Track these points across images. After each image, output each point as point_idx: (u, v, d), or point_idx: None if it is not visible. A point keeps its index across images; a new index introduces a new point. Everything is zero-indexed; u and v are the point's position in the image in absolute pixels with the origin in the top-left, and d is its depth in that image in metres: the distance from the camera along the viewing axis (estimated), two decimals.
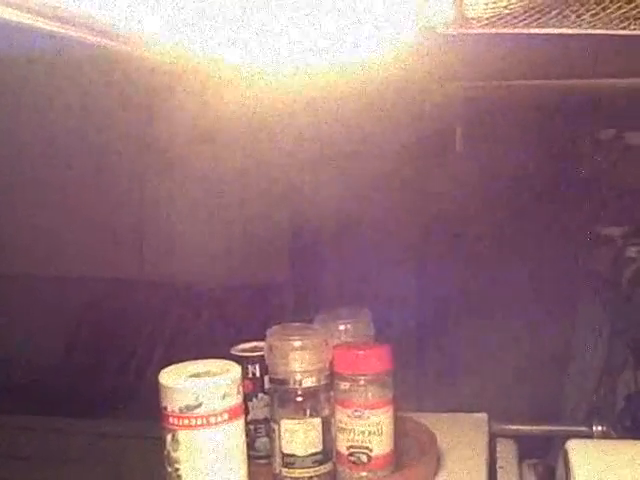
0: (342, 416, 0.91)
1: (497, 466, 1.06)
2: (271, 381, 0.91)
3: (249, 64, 0.81)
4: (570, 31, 0.57)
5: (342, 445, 0.91)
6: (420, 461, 0.97)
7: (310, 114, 1.55)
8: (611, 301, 1.47)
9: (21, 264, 1.84)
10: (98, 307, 1.92)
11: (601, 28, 0.55)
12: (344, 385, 0.90)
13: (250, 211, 1.80)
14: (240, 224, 1.78)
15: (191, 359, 0.87)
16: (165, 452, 0.83)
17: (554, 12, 0.55)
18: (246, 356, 0.95)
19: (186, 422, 0.81)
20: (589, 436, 1.14)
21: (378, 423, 0.90)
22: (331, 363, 0.91)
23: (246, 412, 0.89)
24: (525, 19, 0.56)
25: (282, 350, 0.89)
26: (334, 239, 1.80)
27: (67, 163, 1.79)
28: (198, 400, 0.81)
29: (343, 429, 0.91)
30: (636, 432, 1.16)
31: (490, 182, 1.67)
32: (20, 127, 1.71)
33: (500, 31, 0.57)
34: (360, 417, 0.90)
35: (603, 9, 0.53)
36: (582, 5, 0.53)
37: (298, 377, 0.89)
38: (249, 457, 0.87)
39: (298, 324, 0.94)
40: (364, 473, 0.91)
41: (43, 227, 1.82)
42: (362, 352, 0.92)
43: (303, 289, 1.79)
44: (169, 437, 0.82)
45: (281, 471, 0.90)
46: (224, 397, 0.82)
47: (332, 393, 0.91)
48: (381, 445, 0.91)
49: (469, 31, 0.57)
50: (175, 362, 0.87)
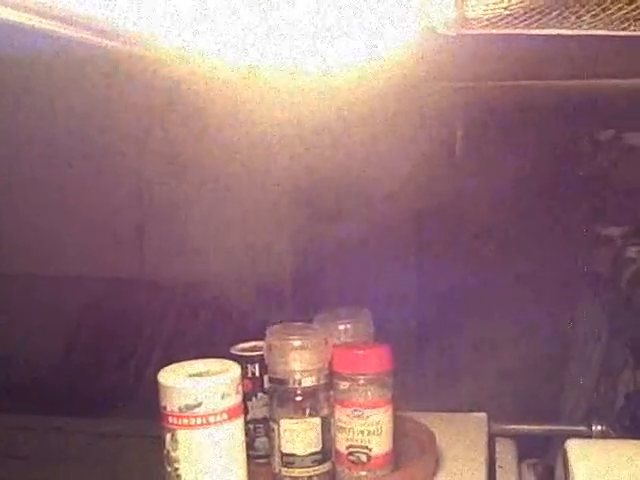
0: (341, 415, 0.91)
1: (496, 466, 1.06)
2: (270, 380, 0.91)
3: (249, 65, 0.81)
4: (570, 32, 0.57)
5: (341, 445, 0.91)
6: (419, 461, 0.97)
7: (310, 115, 1.55)
8: (611, 301, 1.48)
9: (21, 264, 1.84)
10: (98, 307, 1.92)
11: (601, 29, 0.55)
12: (343, 385, 0.91)
13: (250, 211, 1.80)
14: (240, 224, 1.78)
15: (191, 359, 0.87)
16: (164, 452, 0.83)
17: (554, 13, 0.55)
18: (246, 356, 0.95)
19: (185, 422, 0.81)
20: (588, 436, 1.14)
21: (377, 423, 0.90)
22: (330, 363, 0.91)
23: (245, 412, 0.89)
24: (525, 20, 0.56)
25: (282, 350, 0.89)
26: (334, 239, 1.80)
27: (67, 163, 1.79)
28: (197, 400, 0.81)
29: (342, 428, 0.91)
30: (635, 432, 1.16)
31: (490, 182, 1.68)
32: (20, 127, 1.71)
33: (500, 32, 0.57)
34: (359, 416, 0.90)
35: (603, 10, 0.53)
36: (582, 6, 0.53)
37: (297, 377, 0.89)
38: (248, 457, 0.87)
39: (298, 324, 0.94)
40: (363, 472, 0.91)
41: (43, 227, 1.82)
42: (362, 352, 0.92)
43: (303, 289, 1.79)
44: (168, 437, 0.82)
45: (280, 470, 0.90)
46: (223, 397, 0.82)
47: (331, 393, 0.91)
48: (380, 445, 0.91)
49: (469, 32, 0.57)
50: (175, 361, 0.87)
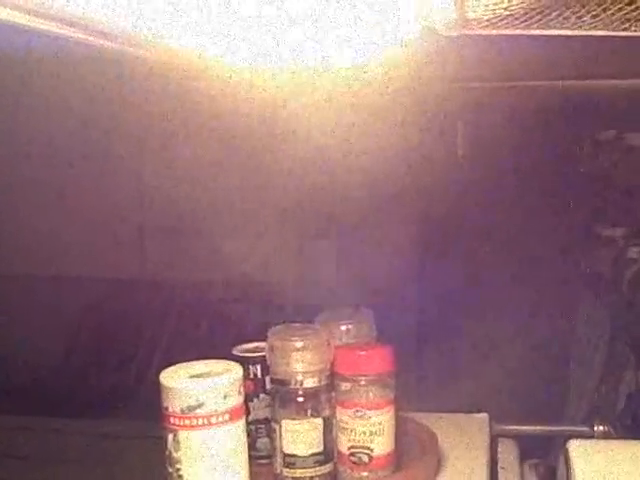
0: (343, 416, 0.91)
1: (498, 466, 1.06)
2: (272, 381, 0.91)
3: (249, 65, 0.81)
4: (571, 32, 0.57)
5: (343, 445, 0.91)
6: (421, 461, 0.97)
7: (310, 115, 1.55)
8: (612, 302, 1.47)
9: (21, 264, 1.84)
10: (98, 308, 1.92)
11: (602, 29, 0.55)
12: (345, 386, 0.91)
13: (250, 211, 1.80)
14: (240, 225, 1.78)
15: (192, 360, 0.87)
16: (166, 452, 0.83)
17: (554, 13, 0.55)
18: (247, 356, 0.95)
19: (187, 422, 0.81)
20: (590, 436, 1.14)
21: (379, 423, 0.90)
22: (332, 363, 0.91)
23: (247, 412, 0.89)
24: (526, 20, 0.56)
25: (283, 350, 0.89)
26: (334, 239, 1.80)
27: (67, 163, 1.79)
28: (199, 400, 0.81)
29: (344, 429, 0.91)
30: (637, 432, 1.16)
31: (492, 182, 1.68)
32: (20, 127, 1.71)
33: (501, 32, 0.57)
34: (361, 417, 0.90)
35: (604, 10, 0.53)
36: (583, 6, 0.53)
37: (299, 377, 0.89)
38: (250, 457, 0.87)
39: (299, 324, 0.94)
40: (365, 473, 0.91)
41: (43, 228, 1.82)
42: (363, 352, 0.92)
43: (304, 289, 1.79)
44: (170, 437, 0.82)
45: (282, 471, 0.90)
46: (225, 397, 0.82)
47: (333, 393, 0.91)
48: (382, 445, 0.91)
49: (470, 32, 0.57)
50: (176, 363, 0.87)
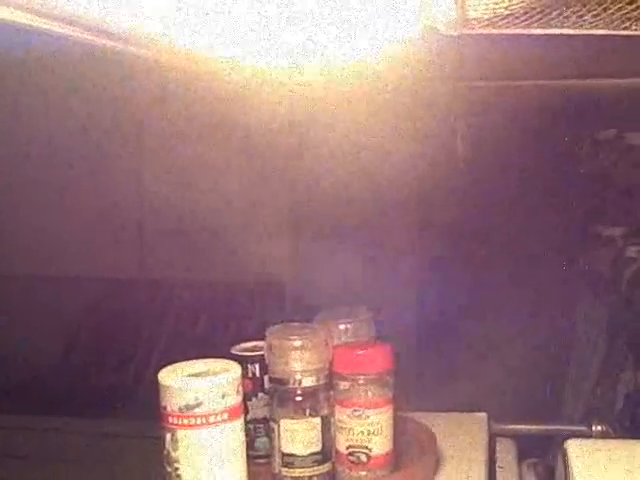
0: (341, 415, 0.91)
1: (497, 466, 1.06)
2: (271, 380, 0.91)
3: (249, 63, 0.81)
4: (571, 32, 0.57)
5: (341, 445, 0.91)
6: (420, 461, 0.97)
7: (310, 115, 1.55)
8: (611, 301, 1.47)
9: (21, 264, 1.84)
10: (98, 307, 1.92)
11: (602, 29, 0.55)
12: (344, 385, 0.90)
13: (250, 211, 1.80)
14: (240, 224, 1.78)
15: (190, 359, 0.87)
16: (164, 452, 0.83)
17: (555, 13, 0.55)
18: (246, 355, 0.95)
19: (186, 422, 0.81)
20: (588, 436, 1.14)
21: (378, 423, 0.90)
22: (331, 363, 0.91)
23: (246, 412, 0.89)
24: (526, 20, 0.56)
25: (282, 350, 0.89)
26: (335, 240, 1.79)
27: (67, 163, 1.79)
28: (198, 400, 0.81)
29: (342, 429, 0.91)
30: (635, 432, 1.16)
31: (492, 182, 1.68)
32: (20, 127, 1.71)
33: (501, 32, 0.57)
34: (360, 417, 0.90)
35: (604, 10, 0.53)
36: (583, 6, 0.53)
37: (298, 377, 0.89)
38: (249, 457, 0.87)
39: (298, 324, 0.94)
40: (363, 473, 0.91)
41: (43, 227, 1.82)
42: (362, 352, 0.92)
43: (303, 289, 1.79)
44: (168, 437, 0.82)
45: (280, 471, 0.90)
46: (224, 397, 0.82)
47: (332, 393, 0.91)
48: (381, 445, 0.91)
49: (471, 32, 0.57)
50: (174, 362, 0.87)
